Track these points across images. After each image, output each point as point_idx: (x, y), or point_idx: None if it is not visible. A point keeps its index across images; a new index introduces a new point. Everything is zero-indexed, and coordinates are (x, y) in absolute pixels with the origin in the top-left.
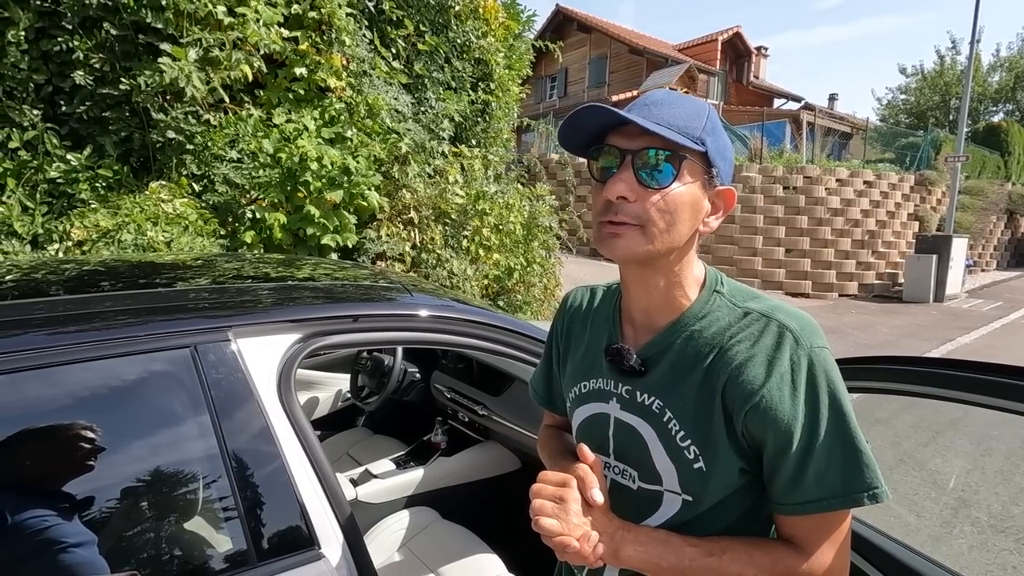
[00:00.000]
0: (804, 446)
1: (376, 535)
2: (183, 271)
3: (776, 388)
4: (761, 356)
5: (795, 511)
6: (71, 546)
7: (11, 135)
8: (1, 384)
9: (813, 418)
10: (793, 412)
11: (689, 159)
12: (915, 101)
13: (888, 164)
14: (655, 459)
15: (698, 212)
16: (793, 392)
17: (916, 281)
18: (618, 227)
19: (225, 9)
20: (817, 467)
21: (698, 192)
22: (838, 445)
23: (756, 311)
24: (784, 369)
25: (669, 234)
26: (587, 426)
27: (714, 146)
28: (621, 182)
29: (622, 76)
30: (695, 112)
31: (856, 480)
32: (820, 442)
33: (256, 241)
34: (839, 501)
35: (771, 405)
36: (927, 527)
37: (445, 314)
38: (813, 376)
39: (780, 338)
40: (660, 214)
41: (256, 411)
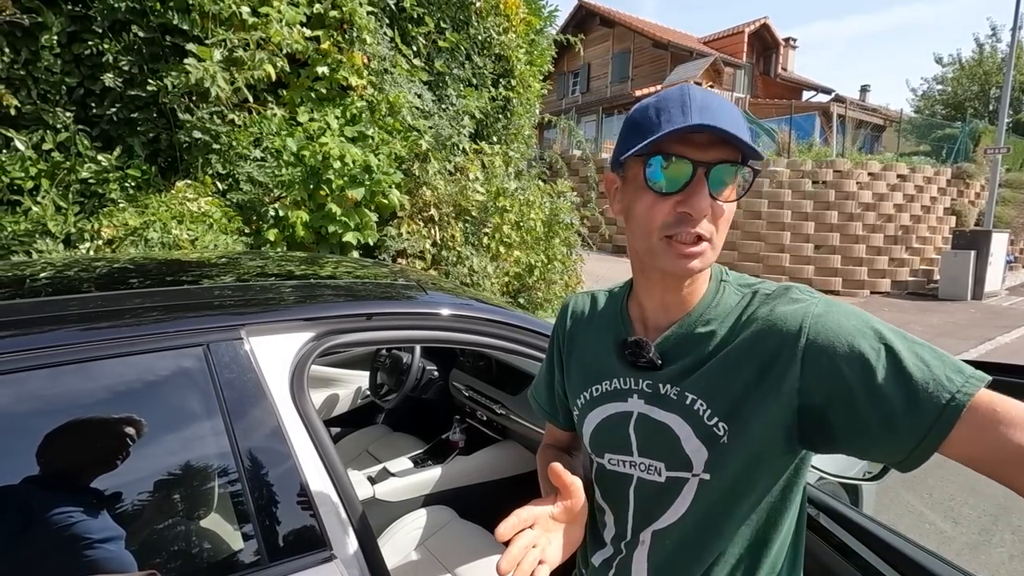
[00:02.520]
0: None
1: (393, 533)
2: (204, 269)
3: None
4: (788, 311)
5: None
6: (95, 541)
7: (45, 137)
8: (16, 382)
9: (875, 334)
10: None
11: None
12: (952, 91)
13: (923, 157)
14: (685, 446)
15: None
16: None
17: (953, 278)
18: (694, 246)
19: (249, 10)
20: (920, 370)
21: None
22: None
23: (762, 289)
24: (819, 311)
25: (720, 245)
26: (604, 428)
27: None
28: (704, 199)
29: (646, 71)
30: (739, 114)
31: (959, 365)
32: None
33: (279, 239)
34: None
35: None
36: (964, 535)
37: (462, 313)
38: (843, 308)
39: (793, 294)
40: (724, 226)
41: (268, 410)
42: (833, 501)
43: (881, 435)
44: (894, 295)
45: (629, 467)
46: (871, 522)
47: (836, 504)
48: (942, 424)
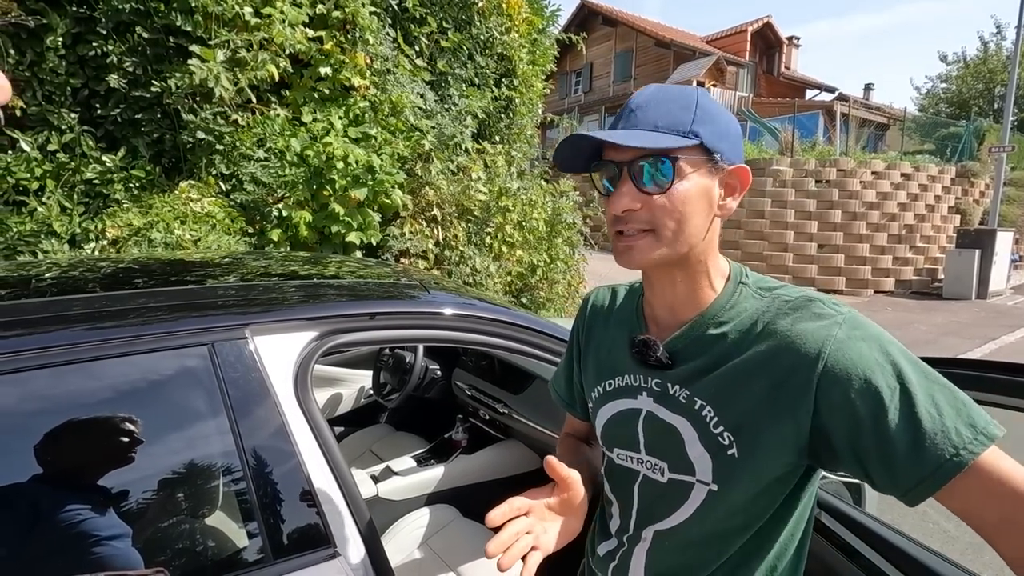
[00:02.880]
0: (904, 401)
1: (396, 532)
2: (208, 269)
3: (839, 354)
4: (809, 330)
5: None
6: (102, 539)
7: (50, 138)
8: (24, 381)
9: (894, 370)
10: (869, 370)
11: (684, 156)
12: (956, 90)
13: (927, 156)
14: (688, 450)
15: (710, 200)
16: (860, 353)
17: (957, 277)
18: (630, 238)
19: (252, 10)
20: (930, 417)
21: (704, 180)
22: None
23: (783, 295)
24: (841, 336)
25: (683, 232)
26: (614, 423)
27: (710, 132)
28: (624, 195)
29: (648, 70)
30: (683, 104)
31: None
32: (918, 391)
33: (282, 239)
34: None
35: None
36: (967, 535)
37: (465, 312)
38: (867, 333)
39: (816, 308)
40: (668, 215)
41: (272, 409)
42: (836, 500)
43: (880, 471)
44: (898, 294)
45: (636, 463)
46: (874, 521)
47: (839, 503)
48: (938, 477)
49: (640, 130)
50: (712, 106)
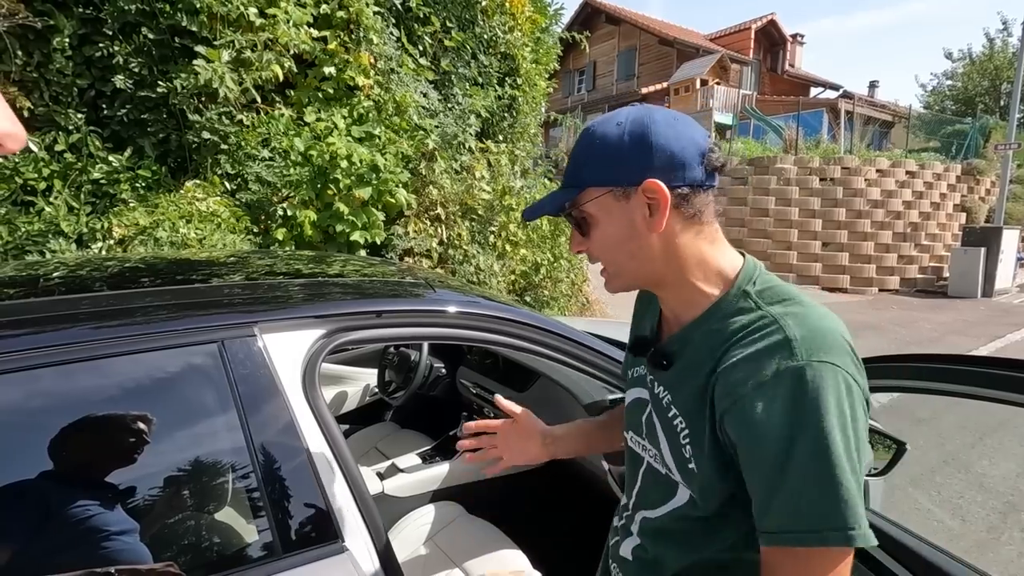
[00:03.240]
0: (774, 468)
1: (402, 529)
2: (215, 268)
3: (753, 395)
4: (752, 360)
5: (765, 541)
6: (112, 534)
7: (57, 138)
8: (38, 379)
9: (789, 438)
10: (765, 426)
11: (584, 203)
12: (962, 87)
13: (933, 153)
14: (662, 450)
15: (632, 227)
16: (769, 404)
17: (963, 275)
18: (603, 269)
19: (256, 11)
20: (789, 493)
21: (616, 213)
22: (813, 473)
23: (772, 314)
24: (766, 377)
25: (629, 264)
26: (630, 408)
27: (595, 170)
28: (573, 240)
29: (652, 68)
30: (577, 154)
31: (830, 516)
32: (793, 467)
33: (287, 238)
34: (808, 536)
35: (744, 412)
36: (972, 533)
37: (470, 310)
38: (797, 391)
39: (776, 344)
40: (605, 254)
41: (281, 405)
42: None
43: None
44: (903, 292)
45: (641, 450)
46: (878, 518)
47: None
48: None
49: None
50: (599, 141)
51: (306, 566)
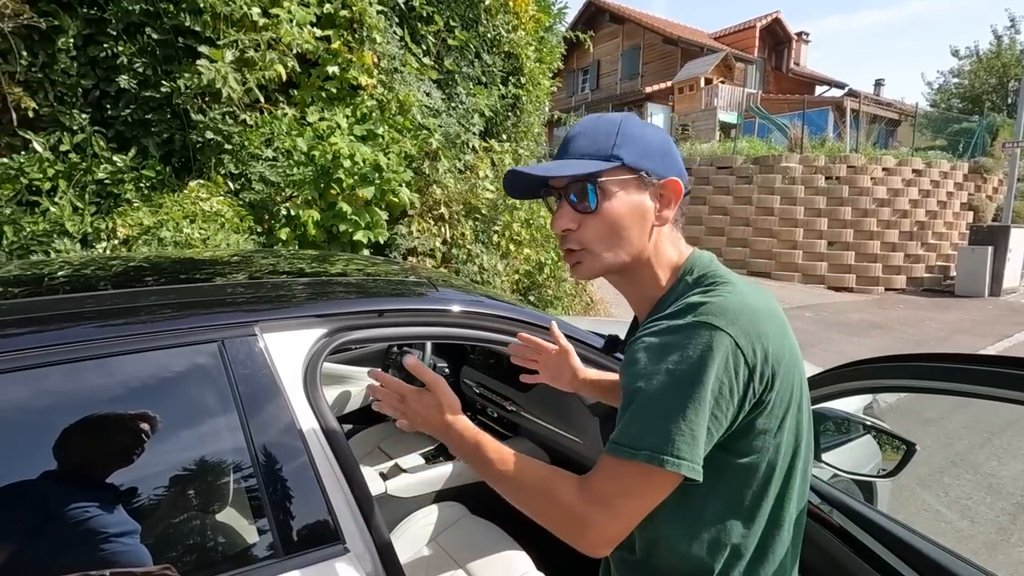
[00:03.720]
0: (631, 394)
1: (405, 529)
2: (217, 267)
3: (644, 339)
4: (659, 321)
5: (605, 448)
6: (110, 535)
7: (62, 138)
8: (36, 378)
9: (652, 375)
10: (639, 363)
11: (606, 178)
12: (969, 85)
13: (939, 151)
14: None
15: (643, 213)
16: (649, 347)
17: (970, 274)
18: (572, 255)
19: (259, 10)
20: (632, 415)
21: (634, 196)
22: (659, 406)
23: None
24: (660, 328)
25: (617, 246)
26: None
27: (632, 153)
28: (562, 216)
29: (656, 67)
30: (606, 132)
31: (652, 440)
32: (642, 394)
33: (291, 238)
34: (625, 450)
35: (632, 354)
36: (982, 534)
37: (473, 309)
38: (673, 339)
39: (681, 311)
40: (600, 234)
41: (282, 405)
42: (847, 498)
43: None
44: (909, 292)
45: None
46: (886, 519)
47: (850, 501)
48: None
49: (570, 158)
50: (634, 129)
51: (308, 568)
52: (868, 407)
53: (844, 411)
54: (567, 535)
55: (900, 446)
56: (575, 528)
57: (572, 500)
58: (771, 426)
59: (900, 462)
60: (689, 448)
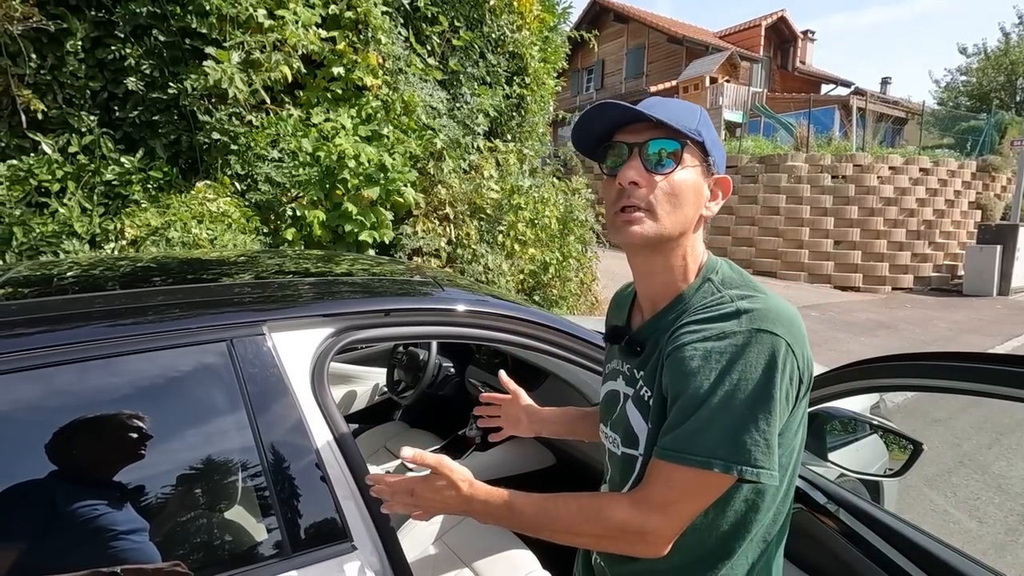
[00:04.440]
0: (692, 401)
1: (411, 528)
2: (225, 267)
3: (694, 347)
4: (702, 323)
5: (656, 454)
6: (120, 533)
7: (71, 140)
8: (47, 377)
9: (717, 383)
10: (697, 371)
11: (689, 147)
12: (977, 82)
13: (947, 150)
14: (634, 425)
15: (700, 196)
16: (707, 355)
17: (978, 273)
18: (631, 213)
19: (265, 12)
20: (699, 423)
21: (699, 178)
22: (730, 415)
23: (729, 295)
24: (709, 335)
25: (675, 215)
26: (604, 400)
27: (709, 138)
28: (631, 169)
29: (660, 66)
30: (689, 111)
31: (728, 450)
32: (708, 404)
33: (297, 238)
34: (695, 459)
35: (683, 359)
36: (990, 534)
37: (479, 309)
38: (733, 347)
39: (726, 315)
40: (666, 197)
41: (290, 404)
42: (854, 497)
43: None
44: (916, 291)
45: (605, 437)
46: (893, 518)
47: (856, 500)
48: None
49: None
50: (711, 121)
51: (316, 565)
52: (875, 407)
53: (851, 410)
54: (627, 549)
55: (907, 446)
56: (635, 540)
57: (626, 517)
58: (794, 426)
59: (907, 462)
60: (766, 456)
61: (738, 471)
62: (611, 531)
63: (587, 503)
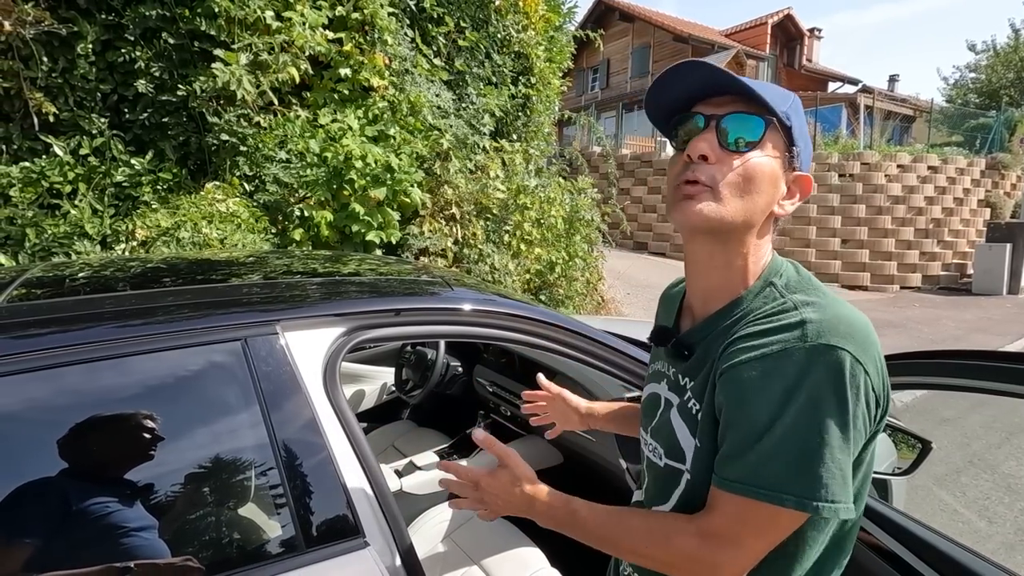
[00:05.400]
0: (755, 427)
1: (420, 526)
2: (235, 267)
3: (754, 362)
4: (762, 334)
5: (720, 484)
6: (131, 530)
7: (82, 142)
8: (62, 376)
9: (782, 407)
10: (759, 392)
11: (774, 129)
12: (986, 79)
13: (955, 147)
14: (680, 438)
15: (775, 189)
16: (769, 373)
17: (987, 272)
18: (693, 187)
19: (273, 14)
20: (762, 453)
21: (777, 169)
22: (798, 444)
23: (793, 301)
24: (772, 350)
25: (743, 201)
26: (646, 403)
27: (798, 126)
28: (703, 141)
29: (666, 65)
30: (782, 94)
31: (801, 484)
32: (774, 432)
33: (304, 238)
34: (765, 494)
35: (741, 376)
36: (1000, 534)
37: (487, 308)
38: (799, 366)
39: (789, 325)
40: (736, 178)
41: (303, 402)
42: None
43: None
44: (925, 290)
45: (644, 445)
46: (903, 517)
47: (866, 499)
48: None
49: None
50: (802, 109)
51: (328, 561)
52: None
53: None
54: None
55: (916, 444)
56: (704, 573)
57: (694, 546)
58: (868, 454)
59: (915, 460)
60: (841, 489)
61: (813, 508)
62: (679, 560)
63: (656, 526)
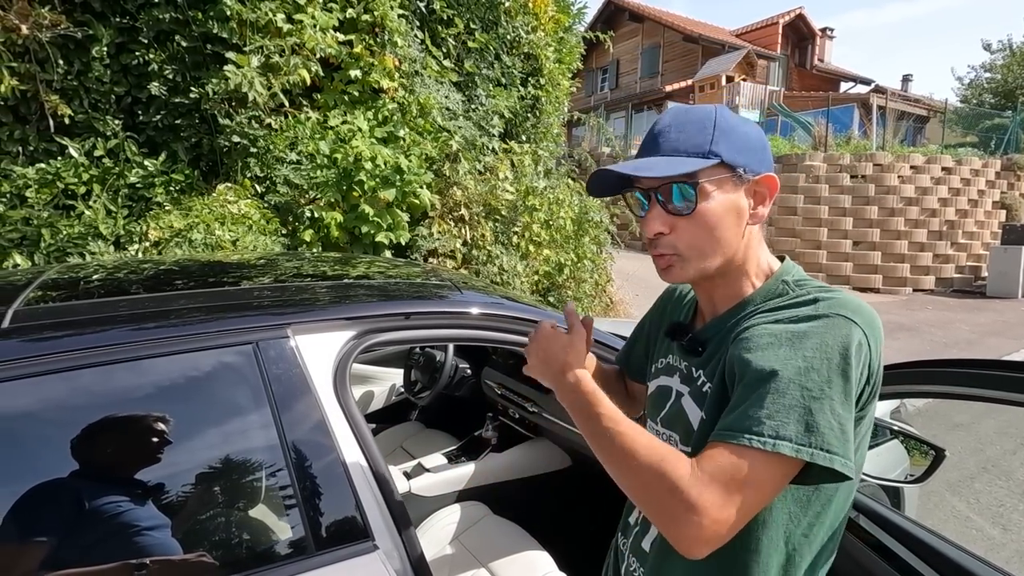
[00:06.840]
0: (757, 380)
1: (428, 528)
2: (247, 270)
3: (767, 328)
4: (775, 311)
5: (715, 436)
6: (143, 528)
7: (96, 144)
8: (83, 377)
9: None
10: (767, 350)
11: (705, 177)
12: (1002, 79)
13: (970, 148)
14: (691, 419)
15: (739, 213)
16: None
17: (1002, 275)
18: (664, 258)
19: (284, 17)
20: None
21: (730, 195)
22: (799, 393)
23: (807, 289)
24: (783, 319)
25: (713, 248)
26: (654, 396)
27: (729, 149)
28: (654, 219)
29: (676, 65)
30: (700, 126)
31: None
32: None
33: (315, 239)
34: (761, 440)
35: (753, 340)
36: (1014, 542)
37: (495, 311)
38: (808, 329)
39: (803, 303)
40: (696, 236)
41: (313, 405)
42: (874, 503)
43: None
44: (938, 293)
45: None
46: (915, 526)
47: (877, 506)
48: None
49: (662, 155)
50: (730, 122)
51: (338, 564)
52: (895, 411)
53: None
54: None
55: (929, 452)
56: (679, 509)
57: (683, 478)
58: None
59: (928, 468)
60: (840, 442)
61: (809, 454)
62: (663, 484)
63: (662, 451)
